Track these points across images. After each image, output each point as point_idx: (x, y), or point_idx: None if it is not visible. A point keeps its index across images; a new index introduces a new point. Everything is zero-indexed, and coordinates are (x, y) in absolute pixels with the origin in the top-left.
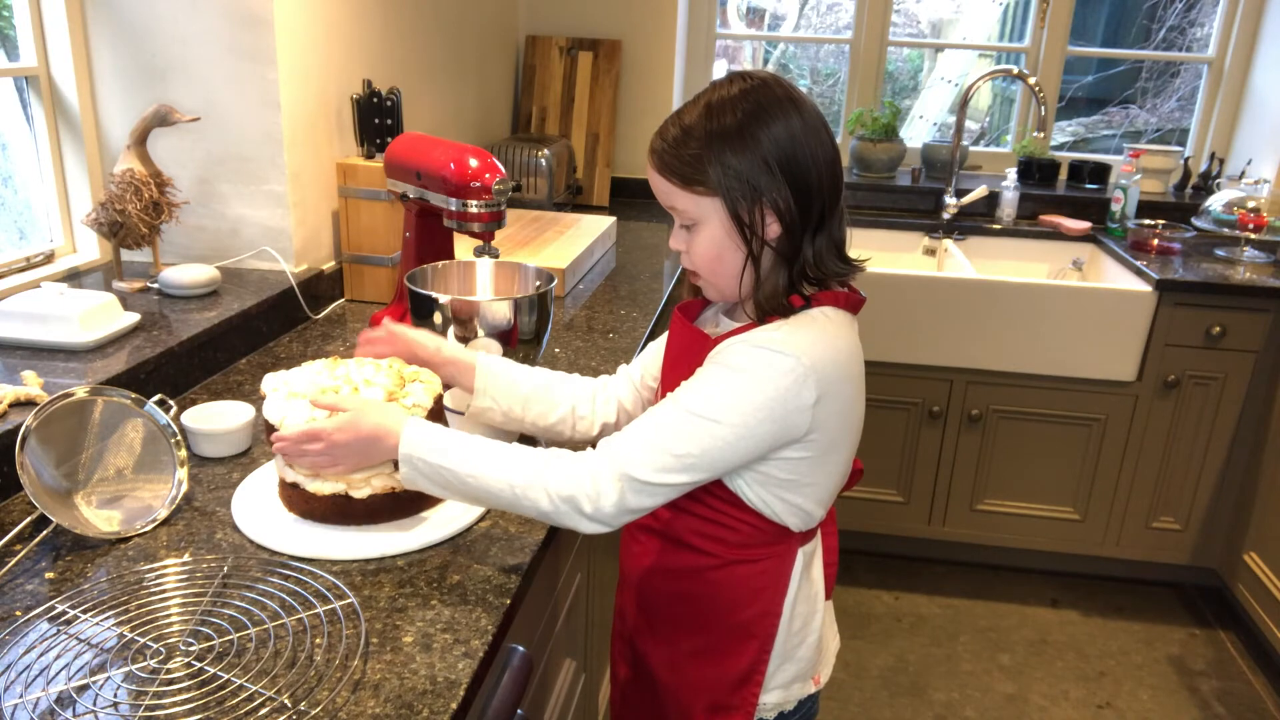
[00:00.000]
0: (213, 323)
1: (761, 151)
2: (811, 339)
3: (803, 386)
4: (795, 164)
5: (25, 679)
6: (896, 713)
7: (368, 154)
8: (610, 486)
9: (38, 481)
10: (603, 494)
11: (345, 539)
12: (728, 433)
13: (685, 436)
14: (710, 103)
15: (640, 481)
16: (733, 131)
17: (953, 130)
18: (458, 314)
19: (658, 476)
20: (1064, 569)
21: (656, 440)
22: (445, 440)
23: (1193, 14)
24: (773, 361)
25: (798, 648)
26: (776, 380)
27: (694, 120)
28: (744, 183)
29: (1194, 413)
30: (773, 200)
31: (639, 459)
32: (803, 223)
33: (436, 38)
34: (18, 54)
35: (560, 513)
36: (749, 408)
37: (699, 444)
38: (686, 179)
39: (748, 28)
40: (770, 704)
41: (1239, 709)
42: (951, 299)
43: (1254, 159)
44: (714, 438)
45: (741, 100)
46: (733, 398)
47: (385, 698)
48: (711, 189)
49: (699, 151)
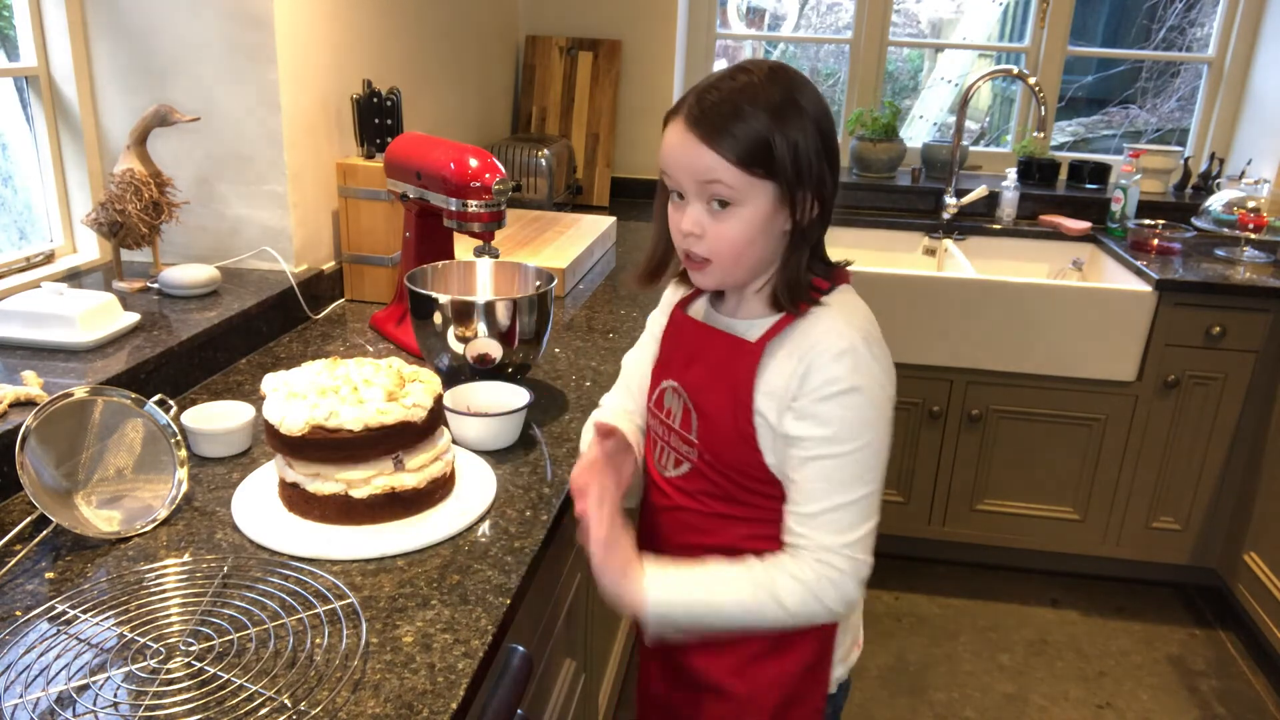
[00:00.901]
0: (213, 323)
1: (820, 135)
2: (862, 316)
3: (887, 361)
4: (831, 141)
5: (25, 679)
6: (896, 713)
7: (368, 154)
8: (836, 577)
9: (38, 481)
10: (836, 588)
11: (345, 539)
12: (878, 443)
13: (855, 480)
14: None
15: (849, 544)
16: (791, 109)
17: (953, 130)
18: (458, 314)
19: (860, 530)
20: (1064, 569)
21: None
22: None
23: (1193, 14)
24: (861, 360)
25: (851, 615)
26: (882, 381)
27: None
28: (808, 167)
29: (1194, 413)
30: (819, 180)
31: (837, 533)
32: (829, 211)
33: (436, 38)
34: (18, 54)
35: (810, 619)
36: (878, 405)
37: (867, 474)
38: (747, 159)
39: (748, 28)
40: (833, 679)
41: (1239, 709)
42: (951, 299)
43: (1254, 159)
44: (875, 455)
45: (783, 80)
46: (863, 415)
47: (385, 698)
48: (771, 172)
49: (762, 129)
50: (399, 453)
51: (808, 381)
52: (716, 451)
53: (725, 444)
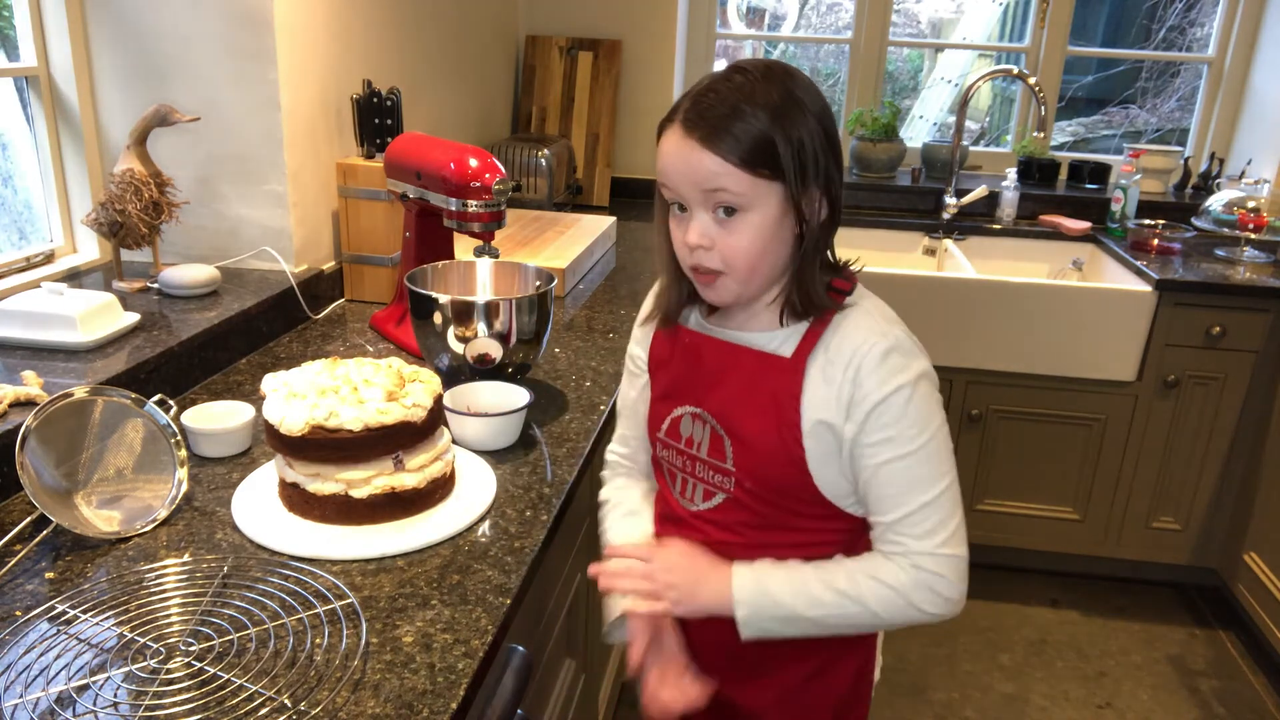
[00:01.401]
0: (213, 323)
1: (825, 134)
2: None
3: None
4: (834, 137)
5: (25, 679)
6: (896, 713)
7: (368, 154)
8: (931, 579)
9: (38, 481)
10: (934, 592)
11: (345, 539)
12: (942, 433)
13: (933, 475)
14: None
15: (940, 543)
16: (792, 105)
17: (953, 130)
18: (458, 314)
19: (950, 525)
20: (1064, 569)
21: (920, 505)
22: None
23: (1193, 14)
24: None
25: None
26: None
27: (742, 95)
28: (811, 160)
29: (1194, 413)
30: (826, 177)
31: (926, 536)
32: (837, 214)
33: (436, 38)
34: (18, 54)
35: (904, 624)
36: (936, 403)
37: (941, 466)
38: (752, 161)
39: (748, 28)
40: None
41: (1239, 709)
42: (951, 299)
43: (1254, 159)
44: (942, 447)
45: (780, 77)
46: (923, 408)
47: (385, 698)
48: (776, 174)
49: (764, 128)
50: (399, 453)
51: (860, 388)
52: (760, 478)
53: (770, 469)
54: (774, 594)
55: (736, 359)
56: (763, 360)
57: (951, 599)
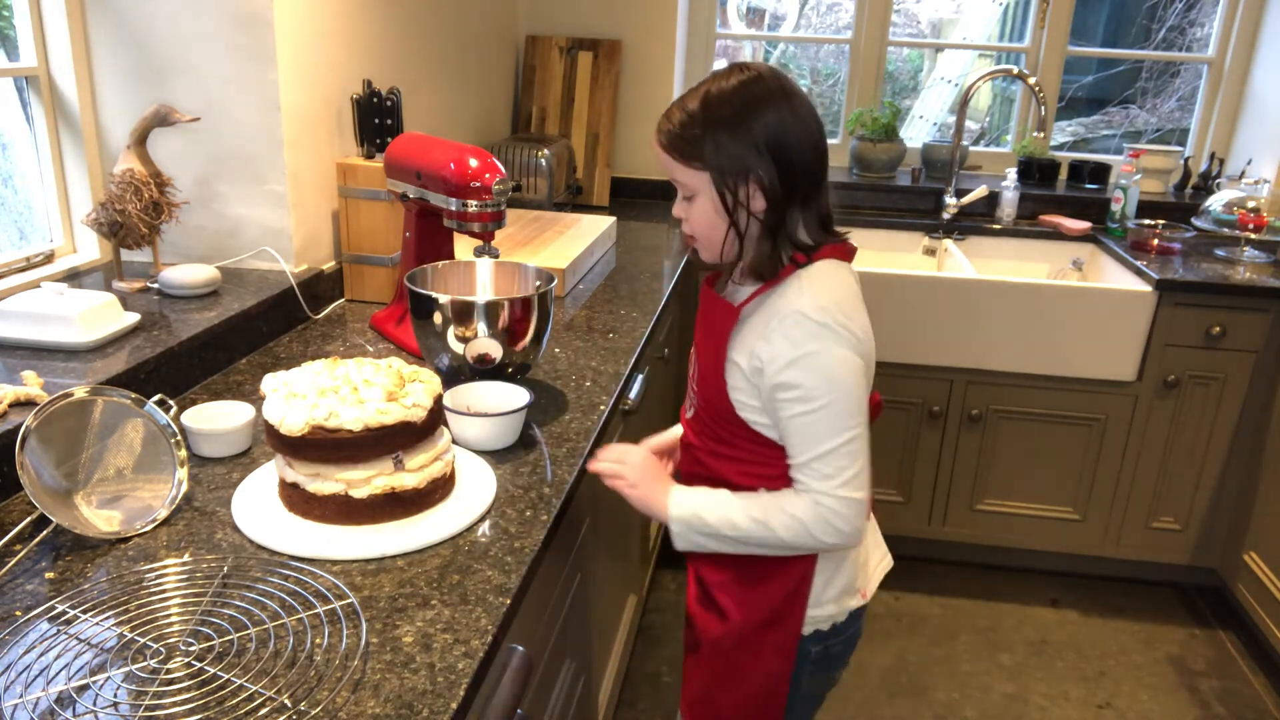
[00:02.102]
0: (213, 323)
1: (752, 136)
2: (827, 286)
3: (848, 326)
4: (782, 148)
5: (25, 679)
6: (896, 713)
7: (368, 154)
8: (830, 515)
9: (38, 481)
10: (832, 526)
11: (345, 539)
12: (849, 393)
13: (836, 427)
14: (710, 91)
15: (840, 485)
16: (729, 118)
17: (953, 130)
18: (458, 314)
19: (848, 472)
20: (1064, 569)
21: (821, 454)
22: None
23: (1193, 14)
24: (817, 326)
25: (841, 562)
26: (835, 333)
27: (696, 106)
28: (734, 161)
29: (1194, 413)
30: (759, 178)
31: (826, 478)
32: (786, 199)
33: (436, 38)
34: (18, 54)
35: (805, 550)
36: (838, 363)
37: (842, 423)
38: (685, 155)
39: (748, 28)
40: (824, 616)
41: (1239, 709)
42: (951, 299)
43: (1254, 159)
44: (848, 404)
45: (740, 91)
46: (825, 369)
47: (385, 698)
48: (706, 166)
49: (698, 133)
50: (399, 453)
51: (772, 345)
52: (705, 398)
53: (708, 391)
54: (702, 515)
55: (711, 307)
56: (723, 307)
57: (846, 533)
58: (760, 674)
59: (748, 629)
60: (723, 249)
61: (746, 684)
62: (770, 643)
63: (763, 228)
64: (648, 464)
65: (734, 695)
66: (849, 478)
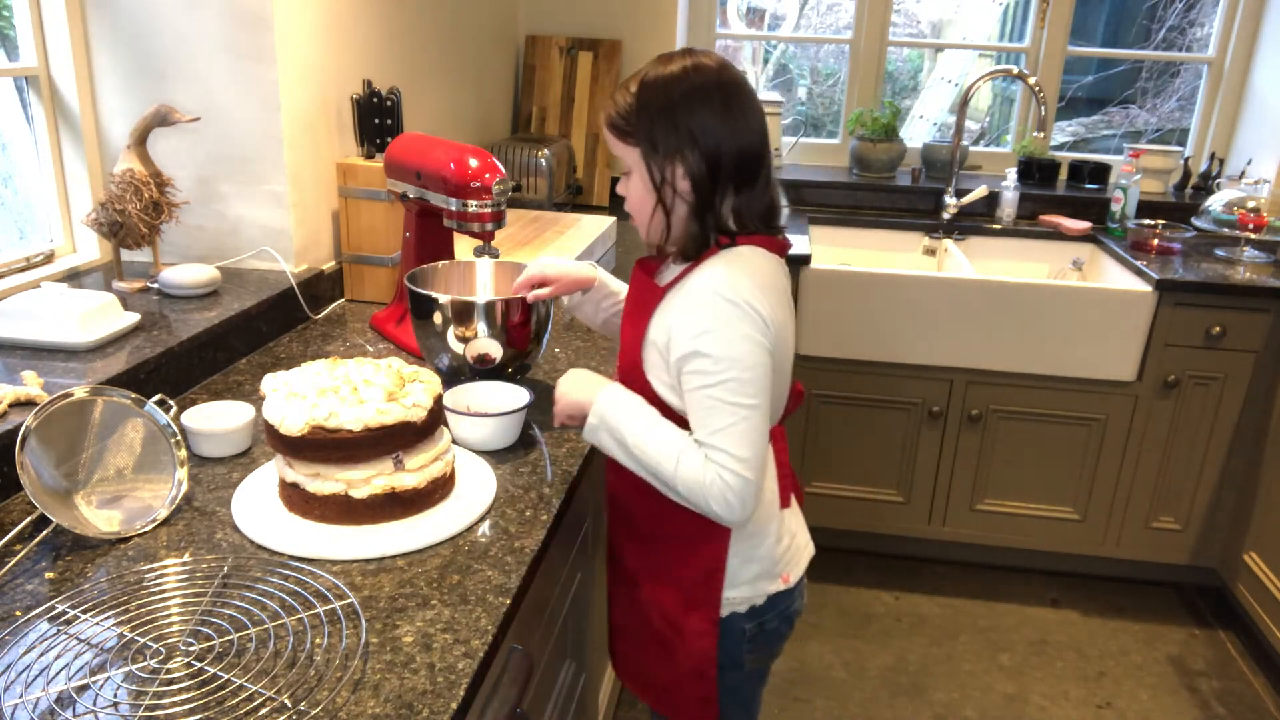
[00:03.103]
0: (213, 323)
1: (681, 126)
2: (743, 269)
3: (758, 308)
4: (710, 143)
5: (25, 679)
6: (896, 713)
7: (368, 154)
8: (723, 486)
9: (38, 481)
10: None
11: (345, 539)
12: (749, 373)
13: (732, 406)
14: (649, 76)
15: (736, 460)
16: (661, 105)
17: (953, 130)
18: (458, 314)
19: (743, 449)
20: (1064, 569)
21: (717, 429)
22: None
23: (1193, 14)
24: (725, 303)
25: (757, 548)
26: (743, 312)
27: (636, 89)
28: (663, 145)
29: (1194, 413)
30: (687, 165)
31: (719, 454)
32: (712, 186)
33: (436, 38)
34: (18, 54)
35: (691, 506)
36: (740, 340)
37: (738, 401)
38: (620, 133)
39: (748, 28)
40: (740, 598)
41: (1239, 709)
42: (951, 299)
43: (1254, 159)
44: (747, 384)
45: (677, 80)
46: (727, 345)
47: (385, 698)
48: (637, 143)
49: (633, 114)
50: (399, 453)
51: (680, 319)
52: (625, 375)
53: (629, 368)
54: (622, 420)
55: (640, 287)
56: (650, 288)
57: (734, 508)
58: (685, 653)
59: (667, 611)
60: (650, 226)
61: (677, 663)
62: (691, 625)
63: (690, 210)
64: (574, 375)
65: (666, 674)
66: (743, 458)
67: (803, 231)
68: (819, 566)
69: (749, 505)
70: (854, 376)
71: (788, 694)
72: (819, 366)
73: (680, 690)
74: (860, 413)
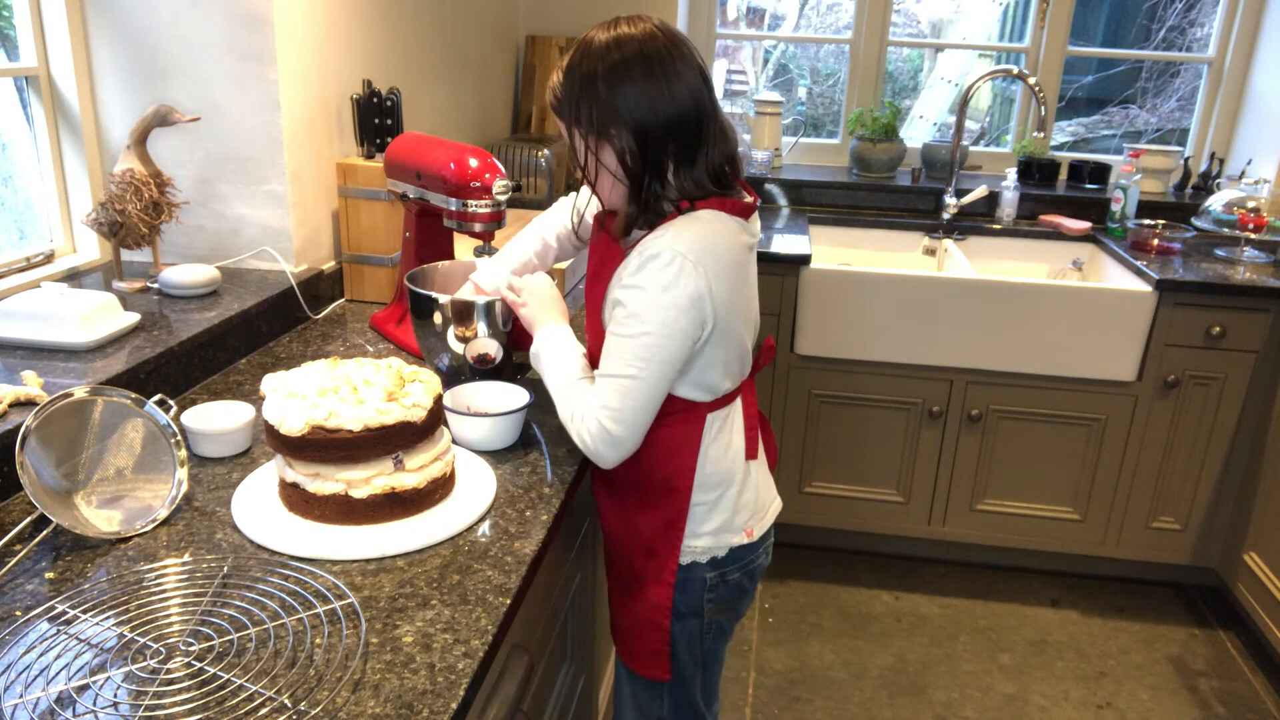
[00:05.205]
0: (213, 323)
1: (605, 101)
2: (692, 236)
3: (694, 276)
4: (637, 113)
5: (25, 679)
6: (896, 713)
7: (368, 154)
8: (595, 428)
9: (38, 481)
10: (593, 437)
11: (345, 539)
12: (654, 340)
13: (625, 360)
14: (575, 55)
15: (608, 409)
16: (589, 77)
17: (953, 130)
18: (458, 314)
19: (621, 403)
20: (1064, 569)
21: (609, 375)
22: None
23: (1193, 14)
24: (661, 266)
25: (719, 500)
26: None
27: (572, 62)
28: (590, 121)
29: (1194, 413)
30: (617, 140)
31: (604, 397)
32: (646, 159)
33: (436, 38)
34: (18, 54)
35: (575, 438)
36: (662, 308)
37: (637, 361)
38: (556, 110)
39: (748, 28)
40: (700, 548)
41: (1239, 709)
42: (951, 299)
43: (1254, 159)
44: (647, 348)
45: (605, 52)
46: (646, 308)
47: (385, 698)
48: (568, 120)
49: (566, 90)
50: (399, 453)
51: (624, 268)
52: (594, 335)
53: (597, 328)
54: (552, 352)
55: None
56: (614, 251)
57: (591, 450)
58: (641, 600)
59: (628, 556)
60: (608, 196)
61: (634, 610)
62: (650, 572)
63: (631, 183)
64: (547, 293)
65: (625, 619)
66: (614, 408)
67: (803, 231)
68: (819, 566)
69: (606, 454)
70: (854, 376)
71: (788, 694)
72: (819, 366)
73: (637, 637)
74: (860, 413)
